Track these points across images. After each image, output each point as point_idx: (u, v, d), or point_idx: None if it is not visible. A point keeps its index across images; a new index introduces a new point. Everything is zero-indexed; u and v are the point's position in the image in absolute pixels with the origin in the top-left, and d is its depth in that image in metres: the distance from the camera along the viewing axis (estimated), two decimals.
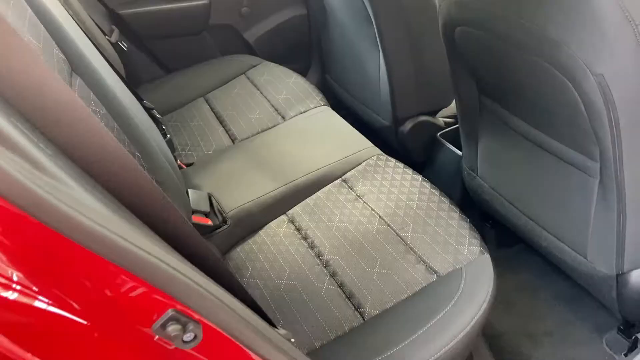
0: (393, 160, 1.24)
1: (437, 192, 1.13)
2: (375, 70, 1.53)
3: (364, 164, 1.24)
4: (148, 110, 1.24)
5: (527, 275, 1.43)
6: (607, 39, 0.75)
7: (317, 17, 1.83)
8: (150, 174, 0.92)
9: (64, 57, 0.80)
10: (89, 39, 1.13)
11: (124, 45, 1.61)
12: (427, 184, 1.16)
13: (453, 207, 1.09)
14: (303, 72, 1.99)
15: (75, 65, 0.83)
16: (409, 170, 1.20)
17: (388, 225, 1.07)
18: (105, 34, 1.54)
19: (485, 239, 1.55)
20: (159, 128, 1.27)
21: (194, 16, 1.77)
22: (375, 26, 1.40)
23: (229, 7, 1.81)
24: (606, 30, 0.75)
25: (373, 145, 1.31)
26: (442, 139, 1.56)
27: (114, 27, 1.62)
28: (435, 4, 1.25)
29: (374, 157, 1.25)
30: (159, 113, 1.62)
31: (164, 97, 1.68)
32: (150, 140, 0.99)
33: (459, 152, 1.45)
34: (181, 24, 1.77)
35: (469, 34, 1.02)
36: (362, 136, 1.35)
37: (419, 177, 1.18)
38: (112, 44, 1.55)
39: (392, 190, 1.14)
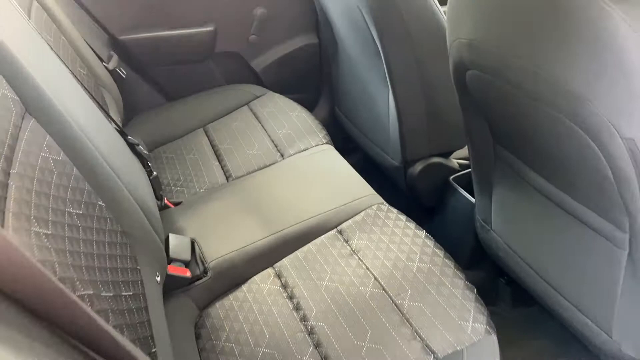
0: (395, 211, 1.12)
1: (441, 253, 1.00)
2: (384, 107, 1.42)
3: (362, 213, 1.12)
4: (133, 146, 1.16)
5: (545, 342, 1.28)
6: (638, 98, 0.63)
7: (328, 47, 1.74)
8: (114, 225, 0.82)
9: (15, 97, 0.71)
10: (70, 70, 1.05)
11: (122, 72, 1.54)
12: (430, 242, 1.03)
13: (458, 272, 0.96)
14: (313, 103, 1.90)
15: (31, 106, 0.74)
16: (412, 225, 1.08)
17: (383, 289, 0.95)
18: (102, 61, 1.47)
19: (499, 295, 1.42)
20: (144, 165, 1.18)
21: (199, 43, 1.69)
22: (384, 62, 1.30)
23: (236, 35, 1.74)
24: (638, 89, 0.63)
25: (375, 192, 1.19)
26: (454, 184, 1.43)
27: (113, 53, 1.55)
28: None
29: (374, 207, 1.13)
30: (154, 144, 1.55)
31: (162, 126, 1.60)
32: (121, 186, 0.89)
33: (473, 199, 1.33)
34: (185, 51, 1.69)
35: (481, 79, 0.90)
36: (364, 181, 1.23)
37: (422, 233, 1.06)
38: (109, 71, 1.48)
39: (391, 248, 1.02)
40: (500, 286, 1.39)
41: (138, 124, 1.61)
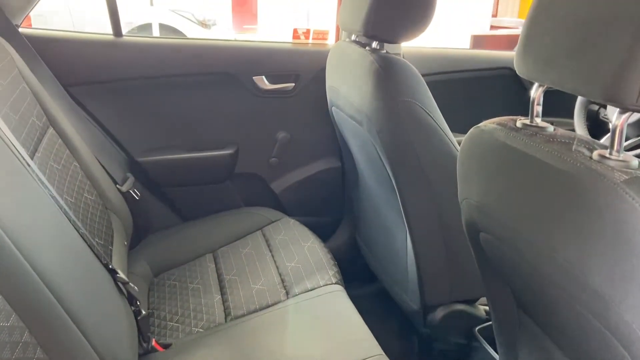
0: None
1: None
2: (402, 245, 1.31)
3: None
4: (124, 284, 1.08)
5: None
6: None
7: (349, 172, 1.68)
8: None
9: None
10: (66, 204, 1.02)
11: (136, 194, 1.52)
12: None
13: None
14: (333, 227, 1.81)
15: None
16: None
17: None
18: (116, 183, 1.46)
19: None
20: (133, 304, 1.10)
21: (219, 165, 1.67)
22: (399, 200, 1.21)
23: (256, 157, 1.71)
24: None
25: (382, 352, 1.05)
26: (479, 336, 1.26)
27: (129, 174, 1.54)
28: None
29: None
30: (161, 268, 1.47)
31: (172, 249, 1.54)
32: (85, 345, 0.80)
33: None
34: (205, 173, 1.67)
35: (495, 245, 0.79)
36: (371, 336, 1.10)
37: None
38: (122, 193, 1.46)
39: None
40: None
41: (148, 245, 1.56)
